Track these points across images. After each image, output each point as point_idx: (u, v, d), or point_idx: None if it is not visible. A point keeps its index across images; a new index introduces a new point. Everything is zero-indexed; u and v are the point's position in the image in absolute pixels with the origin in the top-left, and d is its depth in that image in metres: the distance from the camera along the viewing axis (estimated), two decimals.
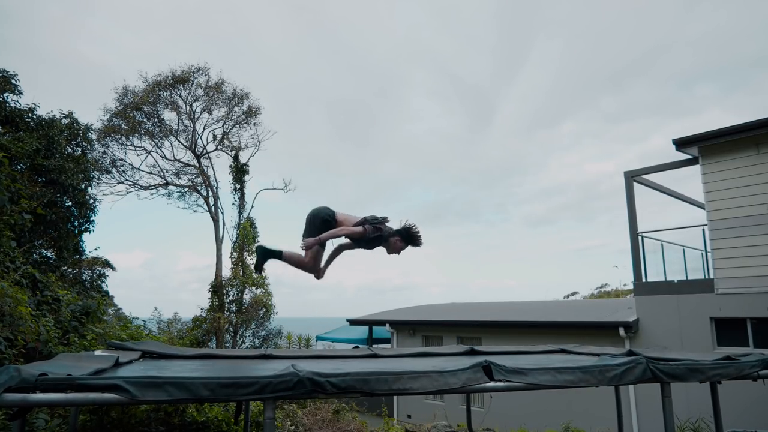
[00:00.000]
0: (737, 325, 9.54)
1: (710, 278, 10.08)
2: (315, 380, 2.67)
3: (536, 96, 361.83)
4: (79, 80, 56.40)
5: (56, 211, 12.62)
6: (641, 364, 3.45)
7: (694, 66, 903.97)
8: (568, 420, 9.60)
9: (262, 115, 19.87)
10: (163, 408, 5.68)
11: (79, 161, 13.45)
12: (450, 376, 3.00)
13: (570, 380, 3.27)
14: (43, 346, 5.18)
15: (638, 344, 10.21)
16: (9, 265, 5.99)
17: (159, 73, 18.25)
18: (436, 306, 17.78)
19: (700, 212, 11.83)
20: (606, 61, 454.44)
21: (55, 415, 4.82)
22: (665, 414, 3.50)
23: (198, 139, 19.30)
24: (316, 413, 8.00)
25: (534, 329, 12.41)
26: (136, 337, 7.19)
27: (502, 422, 10.46)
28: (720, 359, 3.88)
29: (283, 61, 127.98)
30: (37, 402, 2.40)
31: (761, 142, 9.55)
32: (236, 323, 17.15)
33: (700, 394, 6.86)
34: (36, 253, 12.35)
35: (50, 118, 13.07)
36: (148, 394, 2.43)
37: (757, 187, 9.51)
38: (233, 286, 17.71)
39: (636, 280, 11.04)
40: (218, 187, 19.58)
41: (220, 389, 2.56)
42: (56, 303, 6.46)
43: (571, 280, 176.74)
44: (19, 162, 11.65)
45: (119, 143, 18.48)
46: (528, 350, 5.72)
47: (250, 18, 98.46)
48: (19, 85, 12.62)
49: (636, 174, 11.44)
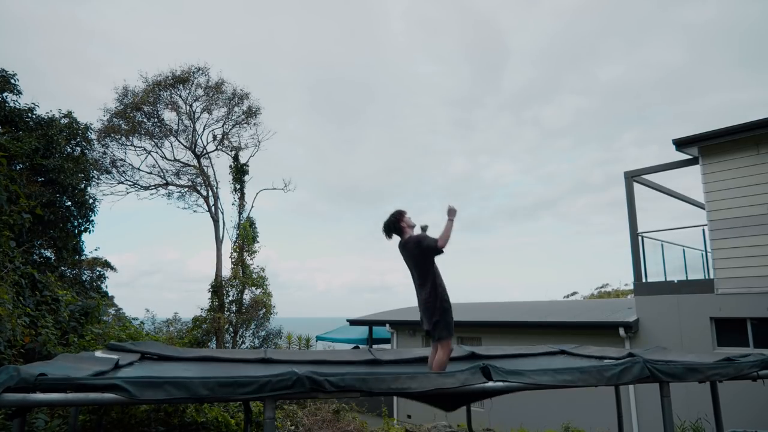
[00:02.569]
0: (737, 325, 9.53)
1: (710, 278, 10.07)
2: (314, 379, 2.67)
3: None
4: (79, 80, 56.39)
5: (55, 211, 12.62)
6: (639, 363, 3.45)
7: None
8: (568, 420, 9.59)
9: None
10: (163, 408, 5.68)
11: (78, 161, 13.45)
12: (448, 377, 3.00)
13: (569, 380, 3.27)
14: (41, 346, 5.18)
15: (638, 344, 10.20)
16: (8, 265, 5.98)
17: (159, 73, 18.28)
18: None
19: (694, 210, 11.85)
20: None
21: (55, 415, 4.82)
22: (664, 414, 3.50)
23: (198, 139, 19.32)
24: (316, 413, 8.00)
25: (534, 329, 12.40)
26: (135, 337, 7.19)
27: (502, 422, 10.45)
28: (719, 360, 3.89)
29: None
30: (36, 402, 2.40)
31: (761, 142, 9.54)
32: (236, 323, 17.15)
33: (700, 394, 6.86)
34: (35, 253, 12.34)
35: (49, 118, 13.06)
36: (147, 393, 2.43)
37: (757, 187, 9.49)
38: (233, 286, 17.71)
39: (636, 280, 11.03)
40: (218, 187, 19.60)
41: (219, 388, 2.56)
42: (55, 303, 6.45)
43: (571, 280, 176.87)
44: (19, 162, 11.65)
45: (119, 143, 18.48)
46: (528, 352, 5.71)
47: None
48: (18, 84, 12.62)
49: (636, 174, 11.43)
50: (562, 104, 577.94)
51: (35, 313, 5.68)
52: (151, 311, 16.80)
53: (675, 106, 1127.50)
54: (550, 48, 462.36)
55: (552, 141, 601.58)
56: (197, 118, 19.11)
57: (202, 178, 19.42)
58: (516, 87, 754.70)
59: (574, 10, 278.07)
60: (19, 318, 5.21)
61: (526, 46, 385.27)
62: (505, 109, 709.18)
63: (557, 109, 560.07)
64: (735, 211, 9.67)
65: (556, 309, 14.20)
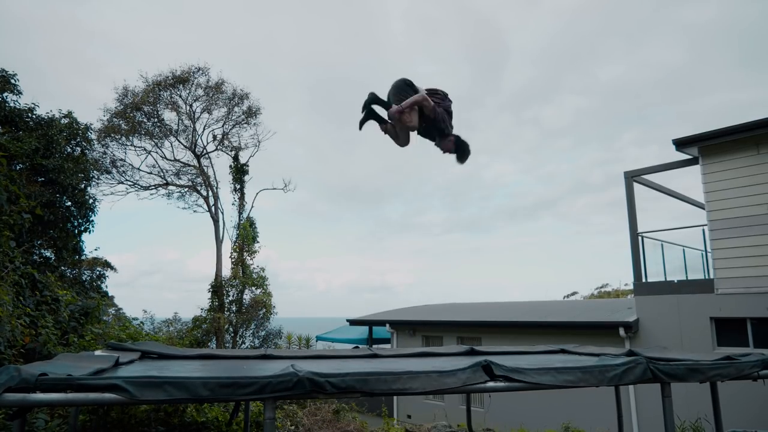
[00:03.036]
0: (737, 325, 9.53)
1: (710, 278, 10.07)
2: (314, 380, 2.67)
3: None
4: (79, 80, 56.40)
5: (55, 211, 12.62)
6: (641, 364, 3.45)
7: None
8: (568, 420, 9.59)
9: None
10: (163, 408, 5.68)
11: (78, 161, 13.44)
12: (449, 376, 2.99)
13: (570, 380, 3.27)
14: (42, 346, 5.17)
15: (638, 344, 10.20)
16: (8, 265, 5.98)
17: (159, 73, 18.26)
18: (436, 306, 17.76)
19: (694, 210, 11.84)
20: None
21: (55, 415, 4.82)
22: (665, 414, 3.49)
23: (198, 139, 19.30)
24: (316, 413, 8.00)
25: (534, 329, 12.41)
26: (135, 337, 7.19)
27: (502, 422, 10.45)
28: (720, 359, 3.88)
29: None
30: (37, 402, 2.40)
31: (761, 142, 9.54)
32: (236, 323, 17.15)
33: (700, 394, 6.85)
34: (35, 253, 12.34)
35: (49, 118, 13.05)
36: (147, 393, 2.42)
37: (757, 187, 9.50)
38: (233, 286, 17.70)
39: (636, 280, 11.03)
40: (218, 187, 19.60)
41: (219, 389, 2.55)
42: (55, 303, 6.45)
43: (571, 280, 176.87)
44: (19, 162, 11.65)
45: (119, 143, 18.47)
46: (528, 350, 5.71)
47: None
48: (18, 84, 12.61)
49: (636, 174, 11.44)
50: (562, 104, 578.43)
51: (35, 313, 5.67)
52: (149, 312, 16.78)
53: (675, 106, 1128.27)
54: (551, 47, 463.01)
55: (552, 141, 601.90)
56: (197, 118, 19.10)
57: (202, 178, 19.41)
58: (516, 87, 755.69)
59: (574, 10, 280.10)
60: (19, 318, 5.20)
61: (527, 45, 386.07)
62: (505, 109, 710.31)
63: (557, 109, 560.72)
64: (735, 211, 9.67)
65: (556, 309, 14.21)
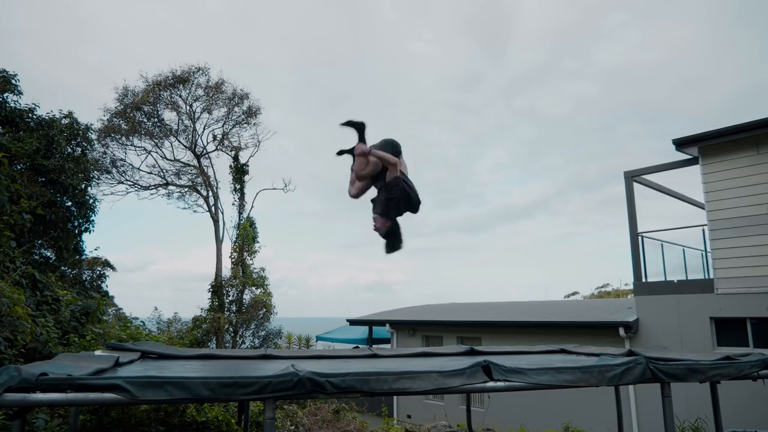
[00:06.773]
0: (737, 325, 9.53)
1: (710, 278, 10.07)
2: (315, 380, 2.67)
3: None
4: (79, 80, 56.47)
5: (56, 211, 12.63)
6: (641, 364, 3.45)
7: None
8: (568, 420, 9.59)
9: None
10: (163, 408, 5.68)
11: (78, 161, 13.46)
12: (450, 376, 2.99)
13: (570, 380, 3.27)
14: (42, 346, 5.18)
15: (638, 344, 10.20)
16: (9, 265, 5.99)
17: (159, 73, 18.28)
18: (436, 306, 17.77)
19: (694, 210, 11.84)
20: None
21: (55, 415, 4.82)
22: (665, 414, 3.49)
23: (198, 139, 19.32)
24: (316, 413, 8.01)
25: (534, 329, 12.41)
26: (135, 337, 7.19)
27: (502, 422, 10.45)
28: (720, 359, 3.88)
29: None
30: (37, 402, 2.40)
31: (761, 142, 9.54)
32: (236, 323, 17.16)
33: (700, 394, 6.85)
34: (36, 253, 12.35)
35: (50, 118, 13.07)
36: (147, 393, 2.43)
37: (757, 187, 9.50)
38: (233, 286, 17.72)
39: (636, 280, 11.03)
40: (218, 187, 19.61)
41: (219, 389, 2.56)
42: (56, 303, 6.45)
43: (571, 280, 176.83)
44: (19, 162, 11.66)
45: (119, 143, 18.49)
46: (528, 350, 5.71)
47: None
48: (19, 85, 12.63)
49: (636, 174, 11.43)
50: (562, 105, 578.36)
51: (36, 313, 5.68)
52: (158, 310, 16.79)
53: (675, 105, 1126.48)
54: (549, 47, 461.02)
55: (552, 141, 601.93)
56: (197, 118, 19.12)
57: (202, 178, 19.42)
58: (513, 83, 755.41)
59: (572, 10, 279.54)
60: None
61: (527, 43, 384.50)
62: (505, 110, 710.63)
63: (557, 109, 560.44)
64: (735, 211, 9.67)
65: (556, 309, 14.21)
